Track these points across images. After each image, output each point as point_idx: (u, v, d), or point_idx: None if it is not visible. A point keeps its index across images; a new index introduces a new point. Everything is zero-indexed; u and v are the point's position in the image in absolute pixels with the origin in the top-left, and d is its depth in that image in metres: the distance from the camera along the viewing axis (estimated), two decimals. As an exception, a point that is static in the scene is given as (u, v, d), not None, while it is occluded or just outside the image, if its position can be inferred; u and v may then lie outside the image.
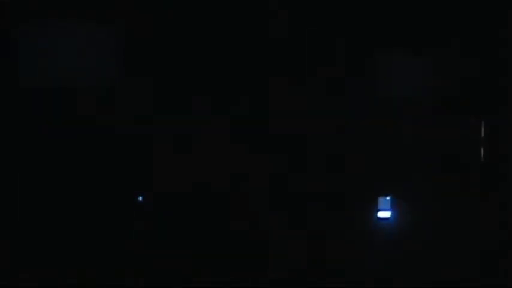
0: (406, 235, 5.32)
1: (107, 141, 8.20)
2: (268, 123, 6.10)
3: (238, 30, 6.60)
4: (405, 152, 6.40)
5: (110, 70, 8.61)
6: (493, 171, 5.81)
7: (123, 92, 8.52)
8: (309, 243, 5.22)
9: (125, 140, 7.64)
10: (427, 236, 5.34)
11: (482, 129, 6.00)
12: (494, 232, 5.47)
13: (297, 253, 5.14)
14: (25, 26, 8.37)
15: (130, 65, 8.25)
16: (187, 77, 6.78)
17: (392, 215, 5.30)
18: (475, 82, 6.26)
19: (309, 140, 6.04)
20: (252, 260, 5.03)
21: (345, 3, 6.92)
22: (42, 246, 4.90)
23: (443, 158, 5.91)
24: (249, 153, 5.93)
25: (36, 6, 7.86)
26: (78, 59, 8.61)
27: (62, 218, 5.39)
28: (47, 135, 8.10)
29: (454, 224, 5.43)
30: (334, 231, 5.20)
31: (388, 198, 5.31)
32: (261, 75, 6.37)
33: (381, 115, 7.22)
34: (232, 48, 6.60)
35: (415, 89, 7.58)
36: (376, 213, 5.31)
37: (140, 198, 6.22)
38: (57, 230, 5.13)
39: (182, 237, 5.25)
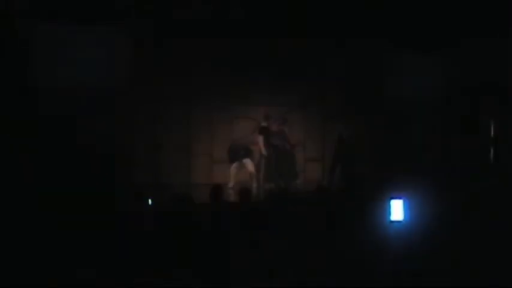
0: (418, 237, 5.32)
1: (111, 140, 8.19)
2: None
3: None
4: (416, 154, 6.40)
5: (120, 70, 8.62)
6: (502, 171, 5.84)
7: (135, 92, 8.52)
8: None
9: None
10: (438, 238, 5.34)
11: (492, 129, 6.03)
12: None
13: (309, 256, 5.14)
14: (36, 27, 8.37)
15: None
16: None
17: (404, 218, 5.30)
18: (485, 83, 6.28)
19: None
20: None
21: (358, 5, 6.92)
22: (43, 245, 4.88)
23: (454, 158, 5.93)
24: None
25: (48, 8, 7.83)
26: (88, 60, 8.60)
27: (63, 217, 5.38)
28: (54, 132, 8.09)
29: (466, 224, 5.44)
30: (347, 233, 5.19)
31: (400, 200, 5.31)
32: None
33: (391, 116, 7.21)
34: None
35: (425, 90, 7.56)
36: (389, 216, 5.31)
37: (150, 201, 6.20)
38: (58, 229, 5.11)
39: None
